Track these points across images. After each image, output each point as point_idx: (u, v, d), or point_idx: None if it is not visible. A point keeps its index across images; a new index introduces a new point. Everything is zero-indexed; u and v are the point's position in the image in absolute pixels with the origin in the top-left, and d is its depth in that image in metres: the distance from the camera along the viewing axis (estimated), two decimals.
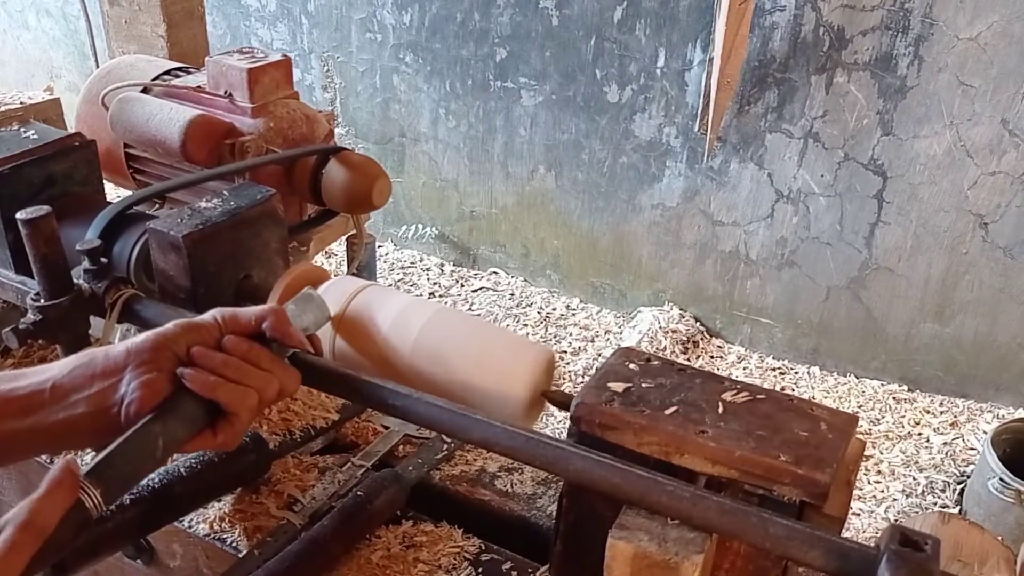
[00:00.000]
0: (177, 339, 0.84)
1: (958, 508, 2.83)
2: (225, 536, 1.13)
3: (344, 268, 2.56)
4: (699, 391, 0.89)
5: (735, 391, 0.89)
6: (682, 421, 0.85)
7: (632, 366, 0.93)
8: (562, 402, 0.98)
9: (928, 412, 3.23)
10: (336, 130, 4.18)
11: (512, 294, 3.93)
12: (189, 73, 1.77)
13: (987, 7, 2.71)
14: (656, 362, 0.94)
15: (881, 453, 3.05)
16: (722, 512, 0.77)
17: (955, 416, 3.20)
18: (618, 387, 0.89)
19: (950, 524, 1.51)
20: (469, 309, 3.82)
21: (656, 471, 0.82)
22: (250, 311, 0.90)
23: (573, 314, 3.81)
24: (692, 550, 0.77)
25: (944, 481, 2.92)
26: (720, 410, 0.87)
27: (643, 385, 0.90)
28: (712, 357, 3.55)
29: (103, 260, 1.16)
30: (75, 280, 1.15)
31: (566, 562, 0.96)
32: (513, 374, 1.00)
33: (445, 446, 1.30)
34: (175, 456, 1.14)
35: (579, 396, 0.89)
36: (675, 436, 0.84)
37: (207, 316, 0.88)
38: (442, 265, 4.16)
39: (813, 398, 3.31)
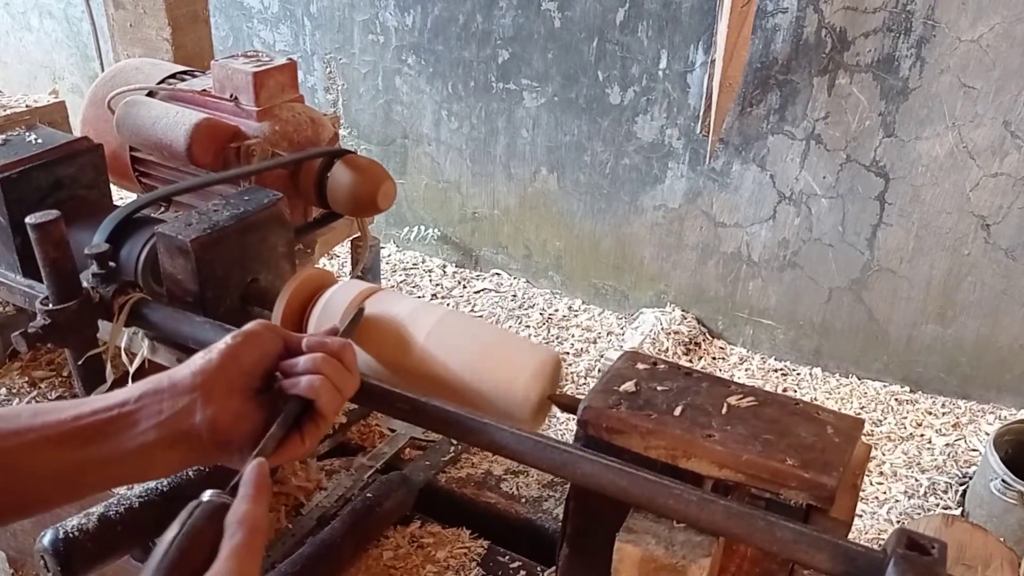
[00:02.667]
0: (240, 354, 0.82)
1: (960, 509, 2.83)
2: None
3: (347, 270, 2.57)
4: (705, 395, 0.90)
5: (741, 395, 0.90)
6: (689, 425, 0.85)
7: (639, 369, 0.94)
8: (568, 405, 0.98)
9: (930, 413, 3.23)
10: (339, 131, 4.19)
11: (514, 295, 3.93)
12: (194, 77, 1.78)
13: (989, 9, 2.71)
14: (662, 366, 0.95)
15: (883, 454, 3.05)
16: (729, 516, 0.78)
17: (957, 417, 3.20)
18: (625, 390, 0.90)
19: (954, 527, 1.52)
20: (471, 310, 3.83)
21: (663, 475, 0.82)
22: (328, 338, 0.89)
23: (575, 315, 3.81)
24: (699, 553, 0.78)
25: (946, 482, 2.93)
26: (726, 414, 0.87)
27: (650, 389, 0.91)
28: (714, 358, 3.55)
29: (111, 264, 1.17)
30: (83, 284, 1.15)
31: (573, 565, 0.97)
32: (519, 378, 1.01)
33: (452, 449, 1.30)
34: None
35: (586, 400, 0.89)
36: (682, 440, 0.84)
37: (259, 324, 0.86)
38: (444, 266, 4.16)
39: (815, 399, 3.31)
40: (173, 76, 1.76)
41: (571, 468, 0.85)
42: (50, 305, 1.14)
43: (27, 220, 1.10)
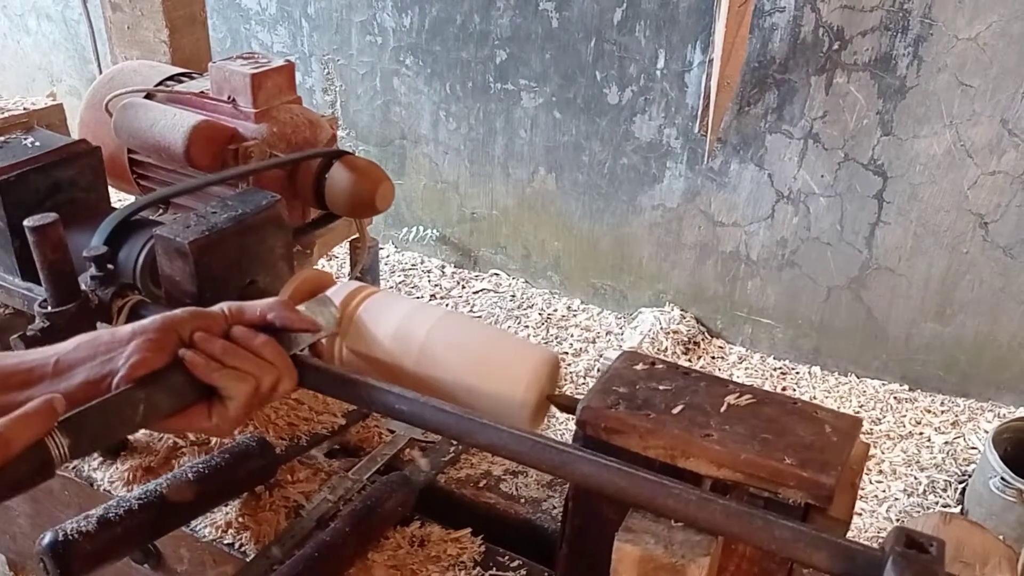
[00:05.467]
0: (183, 323, 0.86)
1: (959, 507, 2.83)
2: (232, 540, 1.14)
3: (346, 271, 2.57)
4: (704, 394, 0.90)
5: (739, 394, 0.90)
6: (687, 424, 0.86)
7: (637, 369, 0.94)
8: (567, 405, 0.98)
9: (929, 411, 3.24)
10: (337, 133, 4.19)
11: (513, 296, 3.94)
12: (192, 79, 1.78)
13: (986, 7, 2.72)
14: (661, 365, 0.95)
15: (882, 453, 3.05)
16: (728, 515, 0.78)
17: (956, 415, 3.21)
18: (623, 391, 0.90)
19: (952, 524, 1.52)
20: (470, 311, 3.83)
21: (662, 474, 0.82)
22: (257, 303, 0.93)
23: (574, 315, 3.82)
24: (698, 553, 0.78)
25: (945, 480, 2.93)
26: (725, 413, 0.87)
27: (648, 389, 0.91)
28: (713, 358, 3.55)
29: (109, 266, 1.17)
30: (82, 287, 1.15)
31: (572, 565, 0.97)
32: (518, 378, 1.01)
33: (451, 449, 1.30)
34: (182, 461, 1.15)
35: (584, 400, 0.90)
36: (680, 439, 0.84)
37: (215, 307, 0.91)
38: (443, 267, 4.16)
39: (814, 398, 3.32)
40: (171, 78, 1.76)
41: (570, 468, 0.85)
42: (48, 308, 1.14)
43: (25, 223, 1.10)
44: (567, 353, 3.53)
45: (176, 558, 1.19)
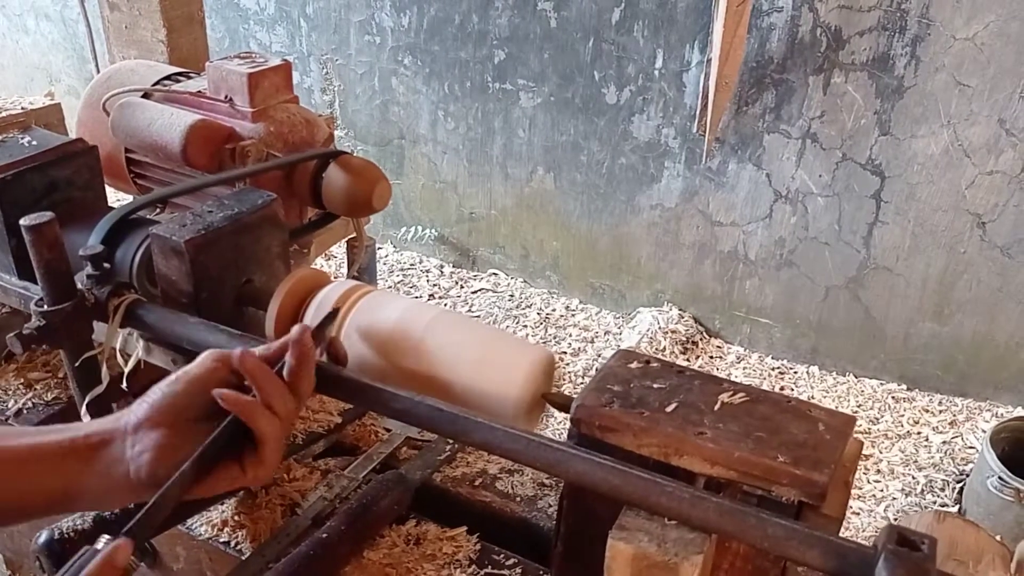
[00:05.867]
0: (175, 398, 0.82)
1: (957, 507, 2.83)
2: (228, 539, 1.14)
3: (344, 271, 2.57)
4: (698, 393, 0.90)
5: (733, 392, 0.90)
6: (681, 423, 0.86)
7: (632, 368, 0.94)
8: (562, 404, 0.99)
9: (927, 411, 3.24)
10: (335, 132, 4.19)
11: (512, 295, 3.94)
12: (190, 78, 1.78)
13: (984, 7, 2.72)
14: (655, 364, 0.95)
15: (880, 452, 3.06)
16: (721, 513, 0.78)
17: (954, 415, 3.21)
18: (617, 389, 0.90)
19: (945, 522, 1.52)
20: (469, 310, 3.83)
21: (656, 472, 0.82)
22: (272, 345, 0.89)
23: (572, 315, 3.82)
24: (691, 551, 0.78)
25: (943, 480, 2.93)
26: (719, 412, 0.87)
27: (643, 387, 0.91)
28: (711, 357, 3.56)
29: (106, 265, 1.17)
30: (78, 285, 1.15)
31: (567, 563, 0.97)
32: (513, 376, 1.01)
33: (447, 448, 1.31)
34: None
35: (579, 398, 0.90)
36: (674, 437, 0.84)
37: (203, 360, 0.85)
38: (441, 267, 4.17)
39: (812, 398, 3.32)
40: (168, 78, 1.76)
41: (564, 466, 0.85)
42: (45, 307, 1.14)
43: (21, 222, 1.10)
44: (565, 353, 3.54)
45: (172, 556, 1.19)
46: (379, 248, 4.21)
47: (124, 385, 1.18)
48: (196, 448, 0.80)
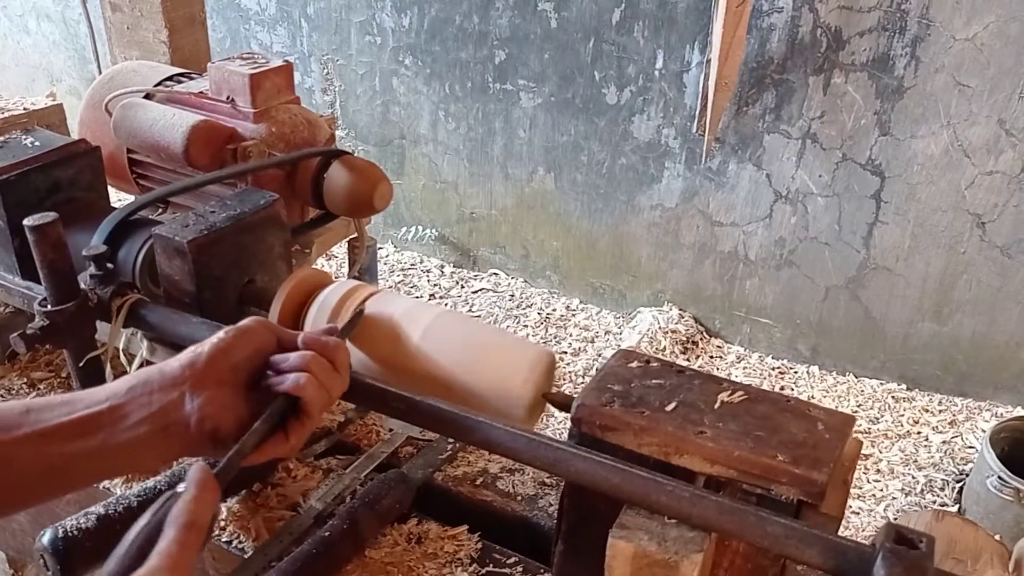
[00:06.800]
0: (231, 349, 0.83)
1: (957, 507, 2.84)
2: (231, 538, 1.15)
3: (345, 270, 2.57)
4: (698, 392, 0.91)
5: (733, 392, 0.91)
6: (681, 422, 0.86)
7: (632, 367, 0.95)
8: (563, 403, 0.99)
9: (927, 411, 3.24)
10: (336, 133, 4.19)
11: (512, 295, 3.94)
12: (191, 79, 1.78)
13: (983, 8, 2.72)
14: (655, 363, 0.96)
15: (880, 452, 3.06)
16: (721, 511, 0.79)
17: (954, 415, 3.21)
18: (618, 389, 0.91)
19: (944, 521, 1.53)
20: (469, 310, 3.84)
21: (656, 471, 0.83)
22: (307, 333, 0.90)
23: (573, 315, 3.82)
24: (691, 549, 0.79)
25: (943, 479, 2.94)
26: (718, 411, 0.88)
27: (643, 386, 0.91)
28: (712, 357, 3.56)
29: (109, 265, 1.17)
30: (81, 285, 1.16)
31: (568, 561, 0.98)
32: (514, 376, 1.02)
33: (449, 447, 1.31)
34: (183, 461, 1.16)
35: (579, 398, 0.90)
36: (674, 437, 0.85)
37: (257, 328, 0.87)
38: (442, 267, 4.17)
39: (812, 397, 3.32)
40: (170, 78, 1.77)
41: (564, 465, 0.85)
42: (48, 306, 1.14)
43: (25, 222, 1.11)
44: (566, 352, 3.54)
45: None
46: (380, 248, 4.22)
47: None
48: (246, 408, 0.82)
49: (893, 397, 3.31)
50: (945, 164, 2.96)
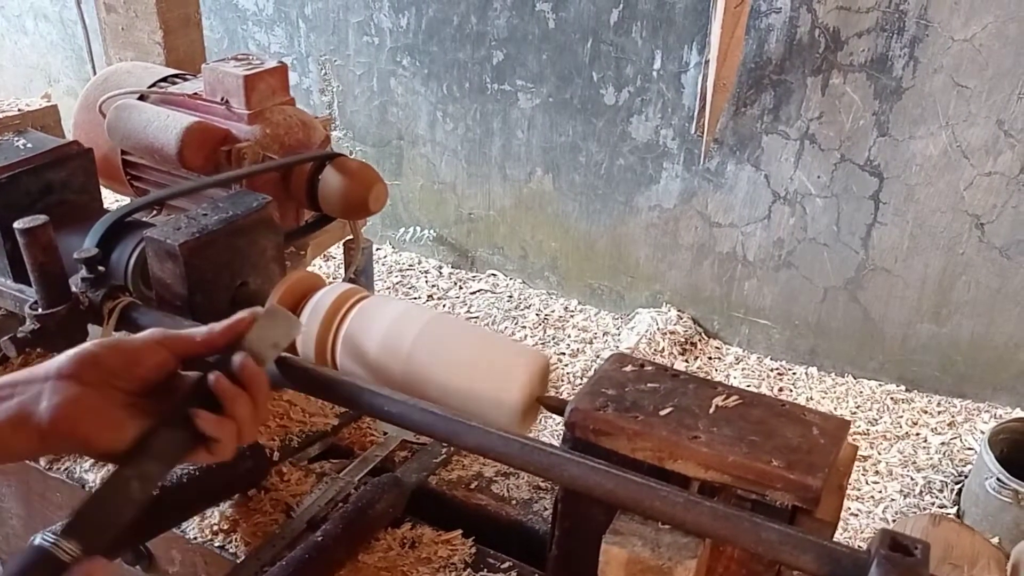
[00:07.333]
0: (100, 357, 0.82)
1: (956, 508, 2.83)
2: (223, 543, 1.14)
3: (341, 272, 2.57)
4: (692, 397, 0.90)
5: (727, 396, 0.90)
6: (675, 427, 0.86)
7: (626, 371, 0.94)
8: (557, 407, 0.99)
9: (926, 412, 3.24)
10: (334, 133, 4.19)
11: (510, 296, 3.94)
12: (186, 80, 1.78)
13: (982, 8, 2.72)
14: (650, 367, 0.95)
15: (879, 453, 3.06)
16: (715, 517, 0.78)
17: (952, 416, 3.21)
18: (612, 393, 0.90)
19: (941, 526, 1.52)
20: (467, 311, 3.83)
21: (650, 476, 0.82)
22: (194, 331, 0.88)
23: (571, 316, 3.82)
24: (685, 555, 0.78)
25: (942, 481, 2.93)
26: (713, 415, 0.87)
27: (637, 391, 0.91)
28: (710, 358, 3.55)
29: (100, 268, 1.17)
30: (73, 288, 1.15)
31: (562, 566, 0.97)
32: (507, 380, 1.01)
33: (443, 451, 1.30)
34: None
35: (573, 402, 0.90)
36: (668, 441, 0.84)
37: (148, 337, 0.85)
38: (440, 267, 4.17)
39: (811, 399, 3.32)
40: (164, 79, 1.76)
41: (558, 470, 0.85)
42: (39, 310, 1.14)
43: (15, 225, 1.10)
44: (564, 354, 3.54)
45: (168, 560, 1.19)
46: (378, 249, 4.21)
47: None
48: (113, 415, 0.80)
49: (892, 398, 3.30)
50: (944, 165, 2.96)
